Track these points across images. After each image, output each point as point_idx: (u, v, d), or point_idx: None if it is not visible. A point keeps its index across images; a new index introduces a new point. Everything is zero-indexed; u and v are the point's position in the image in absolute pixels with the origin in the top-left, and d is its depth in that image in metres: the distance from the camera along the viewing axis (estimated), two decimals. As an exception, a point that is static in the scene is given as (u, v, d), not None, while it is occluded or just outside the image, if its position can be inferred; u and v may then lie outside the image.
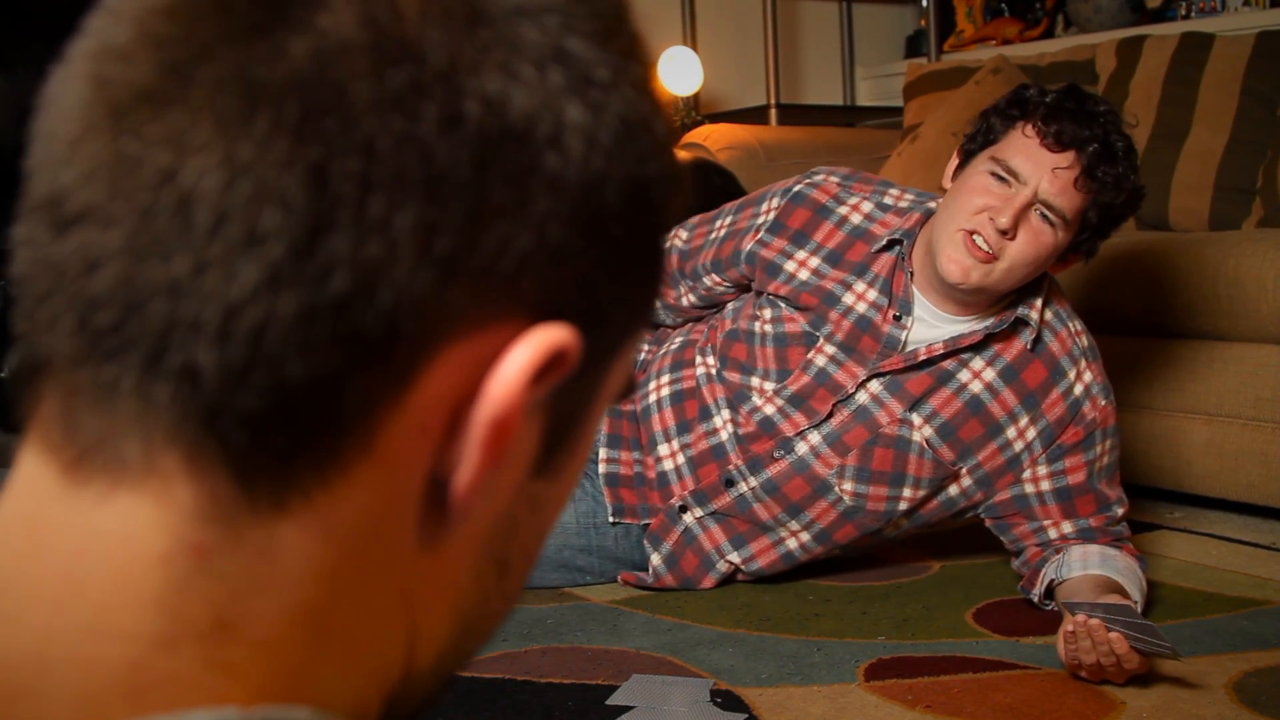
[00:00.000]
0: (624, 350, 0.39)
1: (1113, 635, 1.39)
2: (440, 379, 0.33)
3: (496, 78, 0.33)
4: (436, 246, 0.32)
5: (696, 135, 3.26)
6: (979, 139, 1.73)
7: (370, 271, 0.32)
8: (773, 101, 3.64)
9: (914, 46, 4.14)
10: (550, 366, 0.35)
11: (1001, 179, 1.67)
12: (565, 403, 0.37)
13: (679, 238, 2.01)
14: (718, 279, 1.94)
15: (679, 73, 3.58)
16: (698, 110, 3.67)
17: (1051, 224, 1.65)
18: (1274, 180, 2.51)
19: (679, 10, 3.76)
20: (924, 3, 3.97)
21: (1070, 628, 1.43)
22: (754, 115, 3.59)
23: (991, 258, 1.67)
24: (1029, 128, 1.66)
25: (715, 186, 2.79)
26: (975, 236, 1.67)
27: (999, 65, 3.04)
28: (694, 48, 3.69)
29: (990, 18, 3.95)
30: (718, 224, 1.97)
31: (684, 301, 2.00)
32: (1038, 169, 1.65)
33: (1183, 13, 3.42)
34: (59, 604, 0.32)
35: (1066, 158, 1.64)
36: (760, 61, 3.72)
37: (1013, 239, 1.66)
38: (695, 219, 2.02)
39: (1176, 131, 2.67)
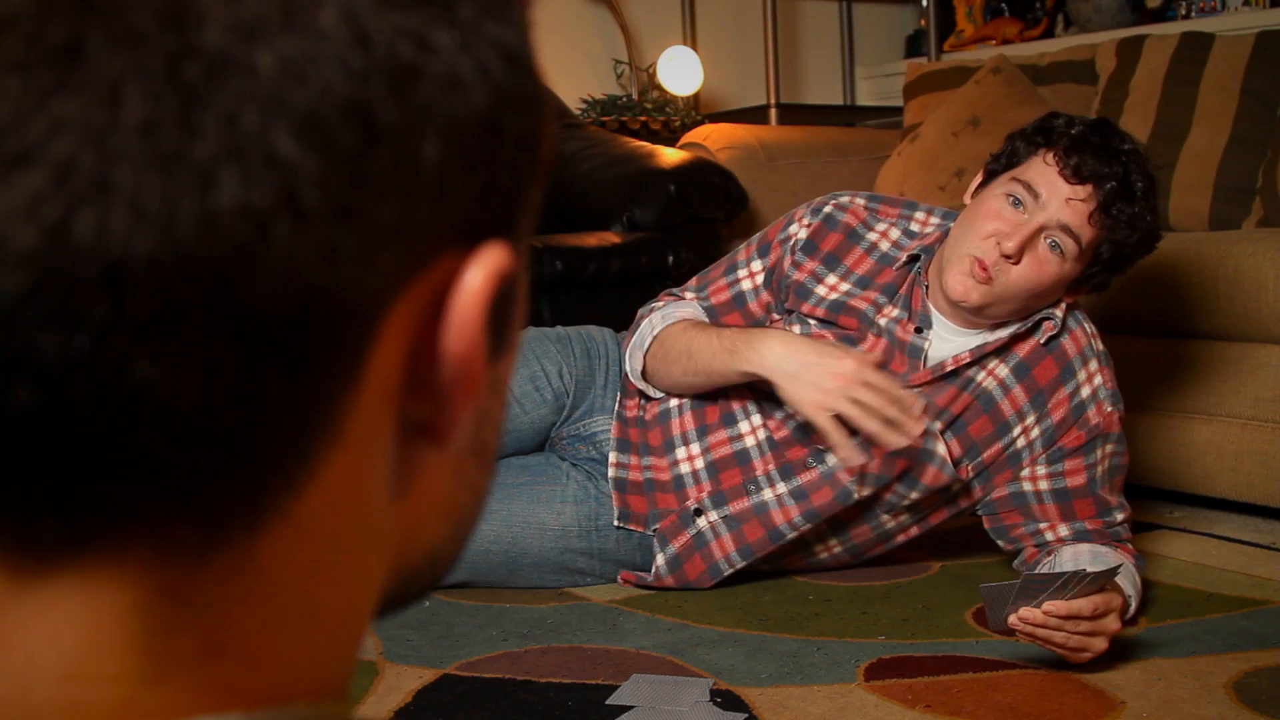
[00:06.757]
0: (532, 210, 0.36)
1: (1047, 606, 1.41)
2: (391, 343, 0.31)
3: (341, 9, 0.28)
4: (349, 213, 0.28)
5: (696, 135, 3.25)
6: (1003, 160, 1.74)
7: (292, 271, 0.28)
8: (773, 101, 3.63)
9: (914, 46, 4.14)
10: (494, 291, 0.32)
11: (1018, 202, 1.67)
12: (503, 295, 0.34)
13: (688, 293, 1.97)
14: (775, 317, 1.92)
15: (679, 73, 3.58)
16: (698, 110, 3.67)
17: (1061, 253, 1.66)
18: (1274, 180, 2.51)
19: (679, 10, 3.76)
20: (924, 2, 3.97)
21: (1020, 631, 1.44)
22: (754, 115, 3.58)
23: (991, 279, 1.68)
24: (1050, 155, 1.67)
25: (715, 186, 2.79)
26: (982, 260, 1.68)
27: (999, 65, 3.03)
28: (694, 48, 3.68)
29: (990, 17, 3.94)
30: (741, 273, 1.93)
31: None
32: (1055, 194, 1.65)
33: (1183, 12, 3.42)
34: (31, 655, 0.29)
35: (1084, 190, 1.64)
36: (760, 61, 3.71)
37: (1016, 264, 1.66)
38: (692, 280, 1.98)
39: (1176, 131, 2.67)
